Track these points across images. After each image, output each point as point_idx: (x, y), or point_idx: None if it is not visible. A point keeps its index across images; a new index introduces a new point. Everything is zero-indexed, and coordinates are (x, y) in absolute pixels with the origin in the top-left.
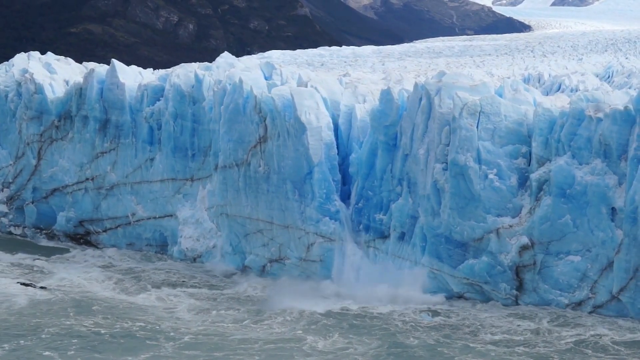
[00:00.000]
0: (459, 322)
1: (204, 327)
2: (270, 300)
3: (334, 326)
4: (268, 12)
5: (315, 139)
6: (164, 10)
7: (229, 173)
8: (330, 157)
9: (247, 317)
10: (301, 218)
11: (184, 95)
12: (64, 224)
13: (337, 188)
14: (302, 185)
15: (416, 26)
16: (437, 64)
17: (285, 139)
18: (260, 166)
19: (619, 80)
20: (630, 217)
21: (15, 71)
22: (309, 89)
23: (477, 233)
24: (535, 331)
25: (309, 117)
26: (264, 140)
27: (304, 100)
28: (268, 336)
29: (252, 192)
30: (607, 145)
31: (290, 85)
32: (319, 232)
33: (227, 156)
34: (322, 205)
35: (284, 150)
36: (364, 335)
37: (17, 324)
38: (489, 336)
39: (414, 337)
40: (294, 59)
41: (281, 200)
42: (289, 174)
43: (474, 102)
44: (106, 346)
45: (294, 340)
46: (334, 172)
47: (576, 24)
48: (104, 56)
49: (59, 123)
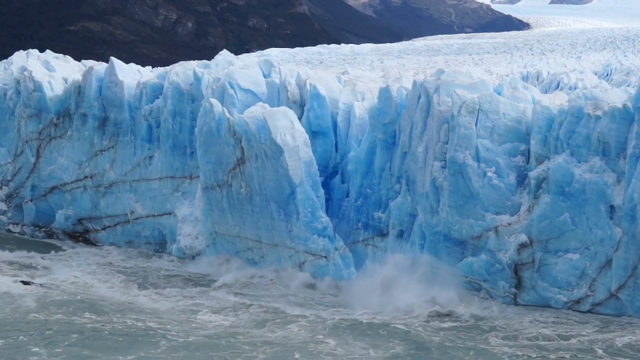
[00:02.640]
0: (473, 324)
1: (204, 327)
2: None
3: (345, 330)
4: (267, 10)
5: (294, 160)
6: (163, 8)
7: (212, 194)
8: (311, 174)
9: (247, 318)
10: (289, 237)
11: (183, 93)
12: (63, 222)
13: (321, 204)
14: (286, 205)
15: (415, 24)
16: (436, 62)
17: (263, 160)
18: (242, 187)
19: (617, 78)
20: (628, 215)
21: (14, 69)
22: (281, 108)
23: (476, 231)
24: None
25: (284, 138)
26: (242, 162)
27: (278, 122)
28: (271, 339)
29: (237, 212)
30: (606, 143)
31: (262, 106)
32: (309, 251)
33: (207, 177)
34: (308, 224)
35: (264, 172)
36: (378, 339)
37: (14, 320)
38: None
39: (427, 340)
40: (293, 56)
41: (267, 220)
42: (272, 195)
43: (472, 100)
44: (102, 343)
45: (301, 343)
46: (317, 188)
47: (575, 21)
48: (102, 54)
49: (58, 121)
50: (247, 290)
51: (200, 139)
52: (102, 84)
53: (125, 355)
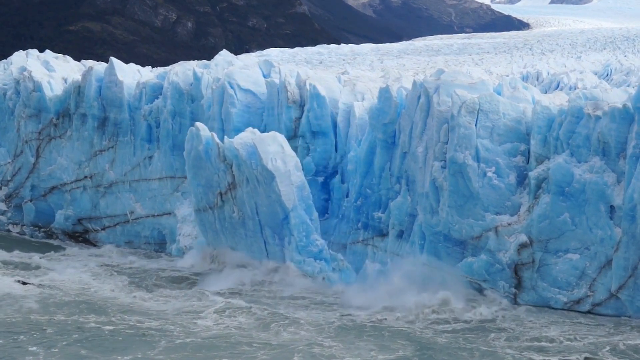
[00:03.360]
0: (473, 324)
1: (203, 327)
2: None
3: (349, 331)
4: (266, 10)
5: (286, 185)
6: (163, 8)
7: (204, 216)
8: (304, 197)
9: (248, 320)
10: (284, 259)
11: (183, 93)
12: (63, 222)
13: (315, 227)
14: (280, 229)
15: (415, 24)
16: (436, 62)
17: (255, 186)
18: (234, 212)
19: (617, 78)
20: (628, 215)
21: (14, 69)
22: (270, 133)
23: (476, 231)
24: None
25: (275, 164)
26: (234, 187)
27: (268, 147)
28: (272, 340)
29: (230, 235)
30: (606, 143)
31: (252, 131)
32: (306, 273)
33: (199, 200)
34: (304, 248)
35: (256, 197)
36: (381, 340)
37: (12, 320)
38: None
39: (433, 341)
40: (293, 56)
41: (261, 245)
42: (265, 220)
43: (472, 100)
44: (100, 343)
45: (300, 344)
46: (310, 211)
47: (575, 22)
48: (102, 54)
49: (58, 121)
50: (247, 290)
51: (188, 162)
52: (102, 84)
53: (124, 355)
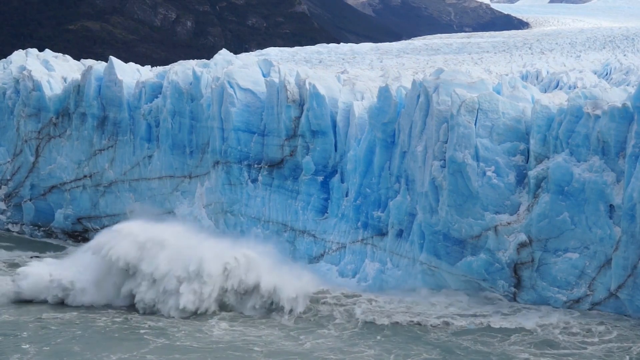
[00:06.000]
0: (474, 325)
1: (203, 327)
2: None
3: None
4: (266, 9)
5: None
6: (162, 7)
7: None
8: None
9: (246, 319)
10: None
11: (182, 93)
12: (62, 221)
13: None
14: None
15: (414, 23)
16: (435, 61)
17: None
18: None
19: (617, 78)
20: (628, 215)
21: (13, 68)
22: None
23: (475, 230)
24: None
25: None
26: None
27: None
28: (273, 341)
29: None
30: (605, 142)
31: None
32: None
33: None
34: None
35: None
36: (382, 341)
37: (11, 320)
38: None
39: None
40: (292, 56)
41: None
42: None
43: (472, 99)
44: (99, 343)
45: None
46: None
47: (574, 21)
48: (101, 53)
49: (57, 120)
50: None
51: None
52: (102, 83)
53: (119, 354)
